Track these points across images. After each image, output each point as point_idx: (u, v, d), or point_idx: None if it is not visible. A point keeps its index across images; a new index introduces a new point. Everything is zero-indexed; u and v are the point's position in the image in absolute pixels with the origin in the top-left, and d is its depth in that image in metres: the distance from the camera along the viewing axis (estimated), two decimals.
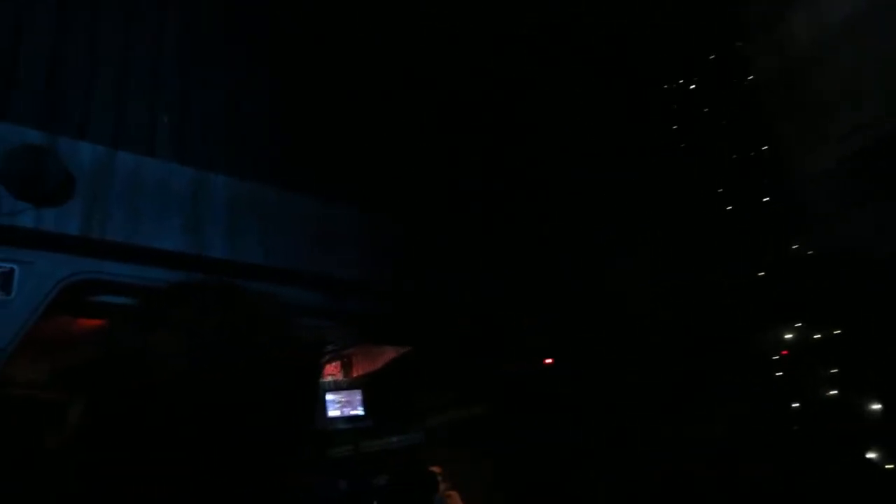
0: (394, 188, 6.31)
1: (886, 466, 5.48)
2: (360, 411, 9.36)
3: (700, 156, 7.52)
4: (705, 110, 7.66)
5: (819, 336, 6.18)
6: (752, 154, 7.17)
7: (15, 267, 4.42)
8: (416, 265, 6.10)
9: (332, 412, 9.28)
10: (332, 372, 9.72)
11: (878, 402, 5.58)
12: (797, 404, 6.14)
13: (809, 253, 6.49)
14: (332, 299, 5.63)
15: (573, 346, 7.42)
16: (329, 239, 5.62)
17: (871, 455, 5.57)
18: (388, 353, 9.12)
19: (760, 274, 6.76)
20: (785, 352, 6.44)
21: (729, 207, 7.20)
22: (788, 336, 6.45)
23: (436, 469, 10.47)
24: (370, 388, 9.50)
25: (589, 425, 7.52)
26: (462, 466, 9.53)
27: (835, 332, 6.06)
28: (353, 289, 5.74)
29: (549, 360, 7.54)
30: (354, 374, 9.66)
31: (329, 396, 9.24)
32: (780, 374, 6.44)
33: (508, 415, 8.19)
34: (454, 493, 9.24)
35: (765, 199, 6.93)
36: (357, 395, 9.35)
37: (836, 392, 5.93)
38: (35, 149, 4.37)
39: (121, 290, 4.84)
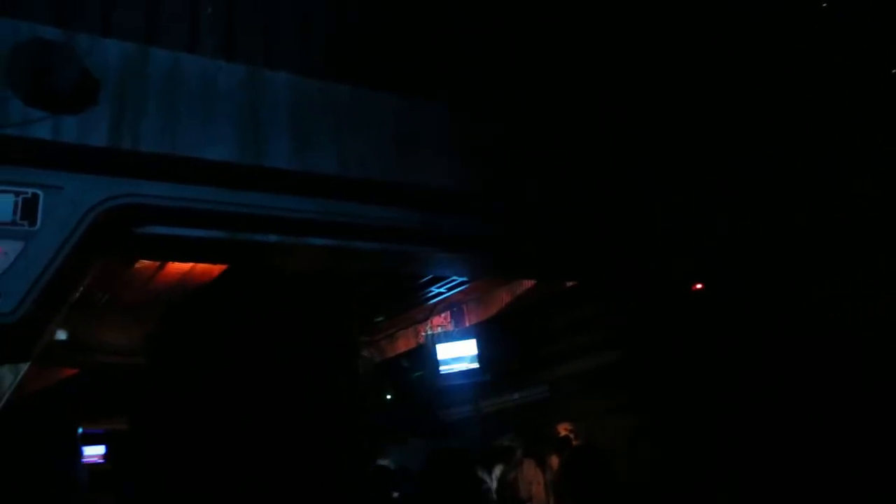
0: (492, 82, 5.09)
1: None
2: (475, 364, 8.33)
3: None
4: None
5: None
6: None
7: (40, 192, 3.60)
8: (527, 172, 4.87)
9: (445, 367, 8.31)
10: (441, 322, 8.74)
11: None
12: None
13: None
14: (427, 217, 4.51)
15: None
16: (417, 143, 4.49)
17: None
18: (503, 296, 8.01)
19: None
20: None
21: None
22: None
23: (565, 427, 9.32)
24: (485, 337, 8.44)
25: (750, 368, 6.06)
26: (595, 422, 8.36)
27: None
28: (450, 204, 4.59)
29: (698, 286, 6.12)
30: (467, 324, 8.62)
31: (440, 349, 8.26)
32: None
33: (653, 358, 6.87)
34: None
35: None
36: (472, 347, 8.32)
37: None
38: (45, 43, 3.50)
39: (170, 218, 3.96)
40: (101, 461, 11.96)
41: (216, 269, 5.75)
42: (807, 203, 5.64)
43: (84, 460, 11.65)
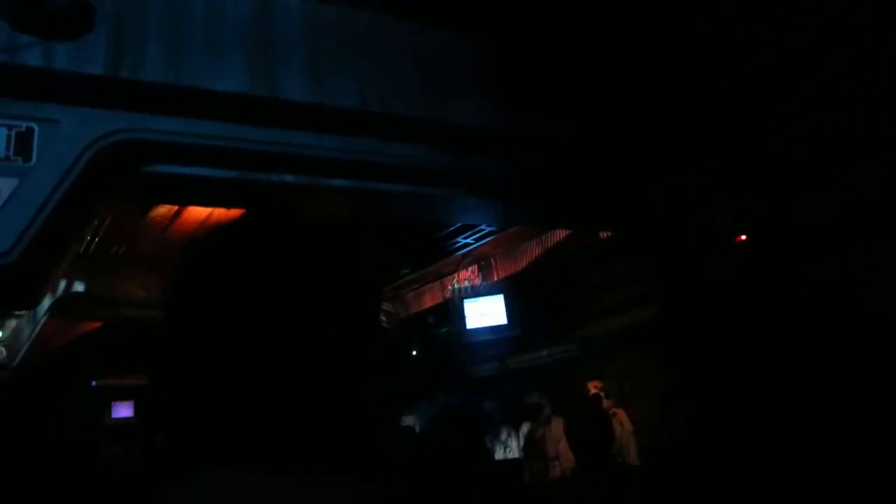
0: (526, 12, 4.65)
1: None
2: (503, 320, 8.04)
3: None
4: None
5: None
6: None
7: (35, 126, 3.33)
8: (557, 115, 4.46)
9: (472, 322, 8.04)
10: (468, 276, 8.44)
11: None
12: None
13: None
14: (453, 157, 4.16)
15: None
16: (442, 77, 4.12)
17: None
18: (533, 249, 7.67)
19: None
20: None
21: None
22: None
23: (595, 385, 9.03)
24: (514, 293, 8.13)
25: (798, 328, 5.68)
26: (628, 380, 8.07)
27: None
28: (478, 143, 4.23)
29: (742, 237, 5.71)
30: (495, 278, 8.32)
31: (467, 305, 7.98)
32: None
33: (690, 315, 6.51)
34: (620, 411, 7.81)
35: None
36: (499, 302, 8.02)
37: None
38: None
39: (177, 155, 3.66)
40: (129, 416, 12.05)
41: (234, 215, 5.48)
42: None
43: (114, 415, 11.75)
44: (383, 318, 9.97)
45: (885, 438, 4.83)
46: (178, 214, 5.74)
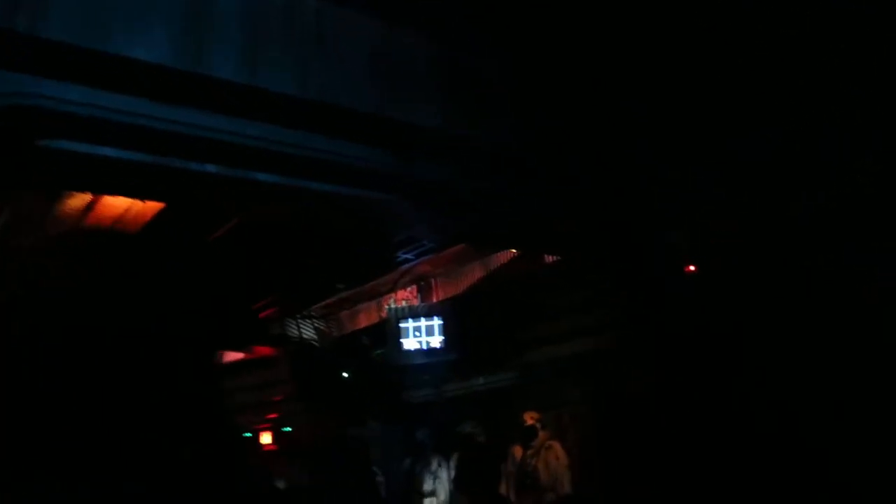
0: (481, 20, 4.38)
1: None
2: (440, 344, 7.68)
3: None
4: None
5: None
6: None
7: None
8: (518, 120, 4.19)
9: (408, 345, 7.64)
10: (406, 297, 8.07)
11: None
12: None
13: None
14: (398, 159, 3.81)
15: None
16: (393, 72, 3.78)
17: None
18: (475, 272, 7.37)
19: None
20: None
21: None
22: None
23: (532, 416, 8.72)
24: (453, 315, 7.78)
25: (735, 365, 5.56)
26: (567, 411, 7.80)
27: None
28: (426, 145, 3.90)
29: (691, 267, 5.55)
30: (435, 299, 7.96)
31: (403, 326, 7.59)
32: None
33: (630, 348, 6.31)
34: (555, 444, 7.49)
35: None
36: (437, 324, 7.65)
37: None
38: None
39: (83, 130, 3.19)
40: None
41: (151, 211, 4.97)
42: (807, 183, 5.26)
43: None
44: (315, 338, 9.46)
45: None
46: (91, 208, 5.19)
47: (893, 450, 4.70)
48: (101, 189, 4.27)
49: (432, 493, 7.36)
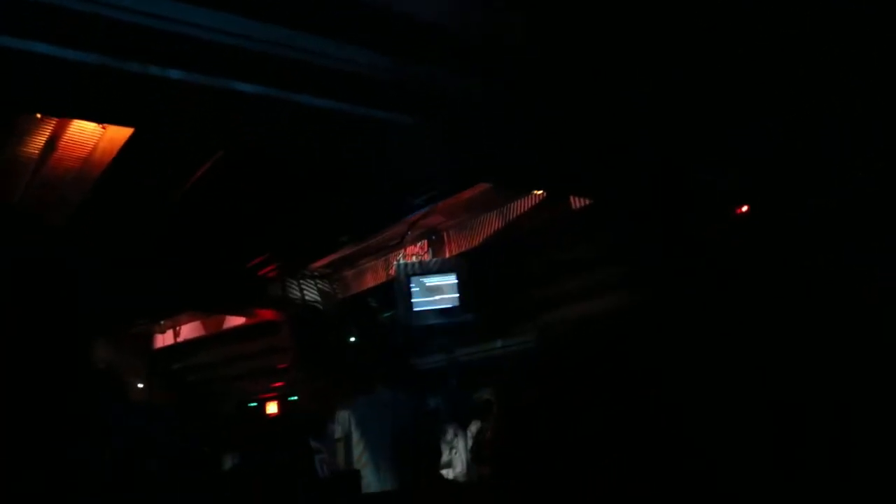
0: None
1: None
2: (454, 303, 7.05)
3: None
4: None
5: None
6: None
7: None
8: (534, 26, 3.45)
9: (419, 304, 7.02)
10: (416, 252, 7.42)
11: None
12: None
13: None
14: (398, 62, 3.09)
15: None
16: None
17: None
18: (493, 221, 6.70)
19: None
20: None
21: None
22: None
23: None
24: (469, 272, 7.15)
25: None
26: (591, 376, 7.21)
27: None
28: (432, 44, 3.16)
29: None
30: (448, 254, 7.30)
31: (414, 283, 6.95)
32: None
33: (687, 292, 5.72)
34: None
35: None
36: (451, 281, 7.02)
37: None
38: None
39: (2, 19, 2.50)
40: None
41: (120, 143, 4.27)
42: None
43: None
44: (319, 300, 8.86)
45: (885, 436, 4.24)
46: (51, 147, 4.51)
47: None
48: (35, 106, 3.52)
49: (448, 465, 6.92)
